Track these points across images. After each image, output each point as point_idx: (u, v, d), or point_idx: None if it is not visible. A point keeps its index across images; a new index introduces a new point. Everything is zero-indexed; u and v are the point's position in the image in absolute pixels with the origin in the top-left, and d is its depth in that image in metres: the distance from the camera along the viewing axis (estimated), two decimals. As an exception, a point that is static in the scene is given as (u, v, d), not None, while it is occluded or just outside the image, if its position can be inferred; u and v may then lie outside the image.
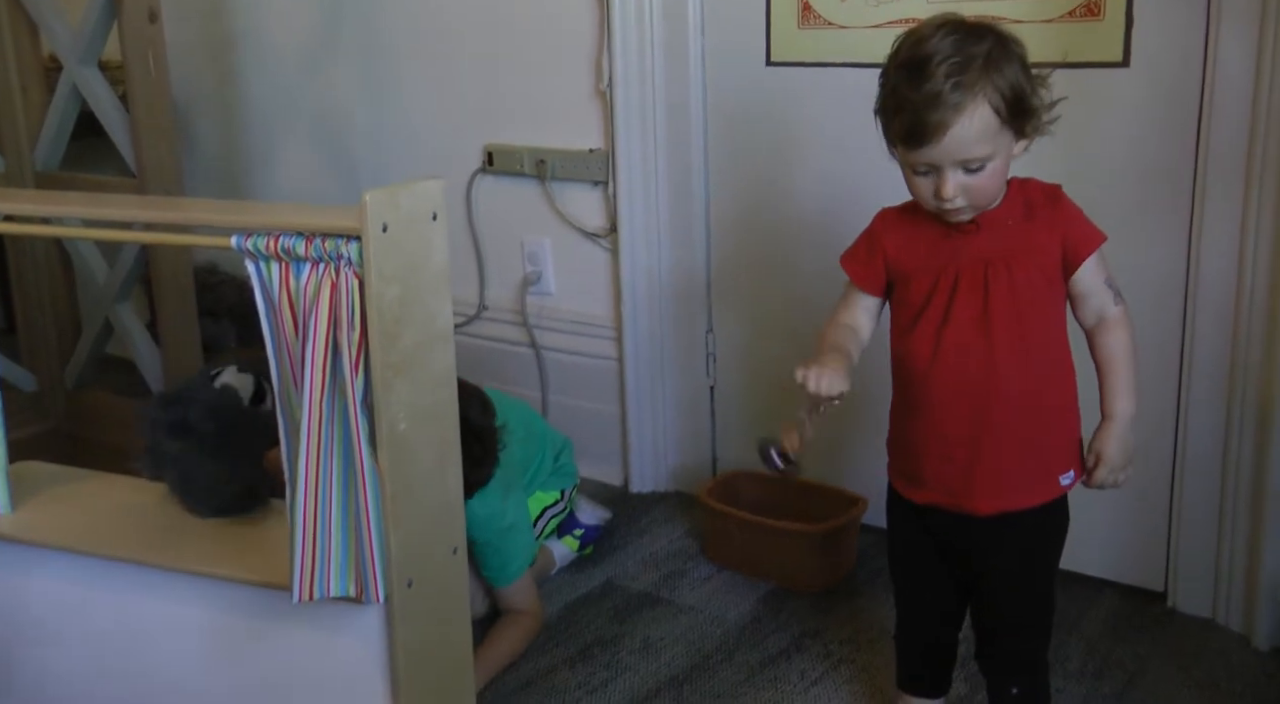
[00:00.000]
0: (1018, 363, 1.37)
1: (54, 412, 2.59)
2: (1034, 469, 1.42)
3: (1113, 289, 1.40)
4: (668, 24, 2.24)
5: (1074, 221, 1.38)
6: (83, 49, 2.34)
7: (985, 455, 1.40)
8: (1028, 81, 1.33)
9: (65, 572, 1.53)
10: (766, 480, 2.22)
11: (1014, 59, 1.32)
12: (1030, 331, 1.37)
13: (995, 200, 1.37)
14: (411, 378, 1.30)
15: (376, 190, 1.24)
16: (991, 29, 1.34)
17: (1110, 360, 1.40)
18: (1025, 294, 1.36)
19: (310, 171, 2.90)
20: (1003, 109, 1.29)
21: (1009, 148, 1.34)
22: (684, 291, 2.35)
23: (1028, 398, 1.38)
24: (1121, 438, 1.41)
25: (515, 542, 1.87)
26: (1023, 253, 1.36)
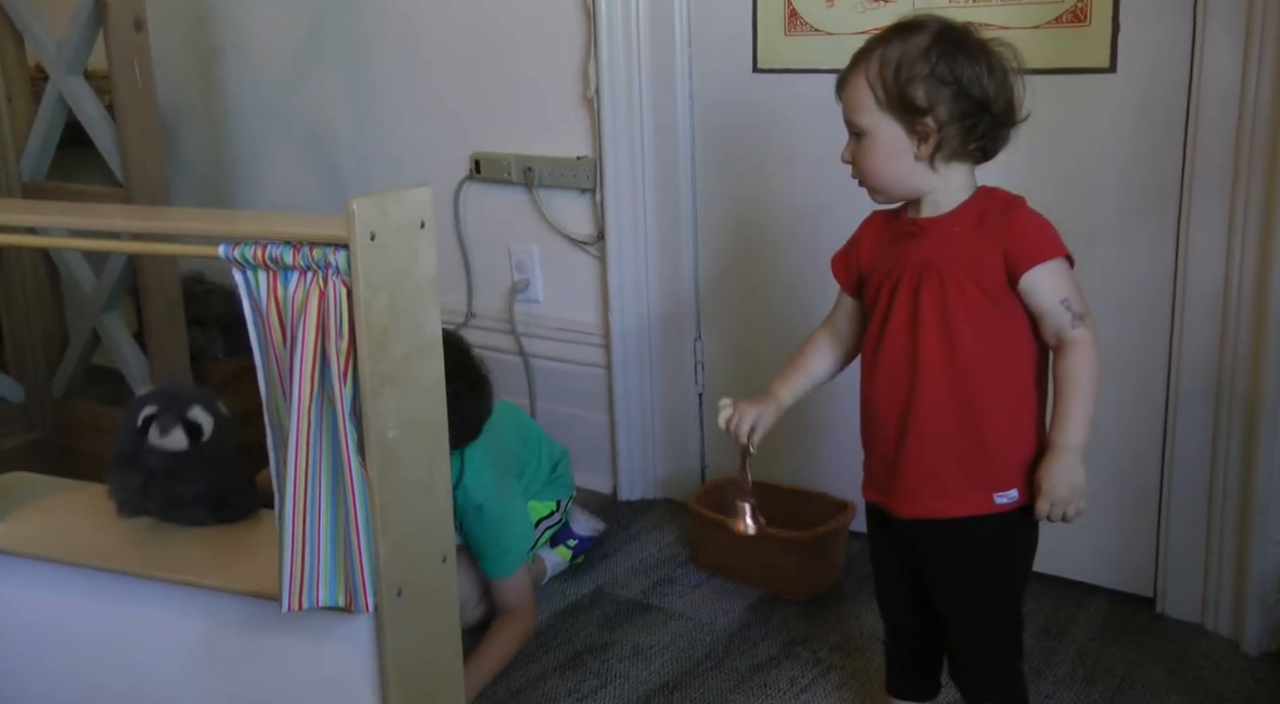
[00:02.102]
0: (942, 372, 1.36)
1: (41, 422, 2.58)
2: (958, 479, 1.39)
3: (1071, 311, 1.33)
4: (654, 31, 2.24)
5: (1019, 234, 1.33)
6: (68, 58, 2.33)
7: (907, 458, 1.41)
8: (941, 86, 1.32)
9: (53, 582, 1.52)
10: (755, 488, 2.22)
11: (941, 60, 1.32)
12: (960, 342, 1.35)
13: (886, 188, 1.38)
14: (400, 387, 1.30)
15: (363, 198, 1.24)
16: (943, 30, 1.35)
17: (1061, 386, 1.34)
18: (955, 304, 1.35)
19: (297, 181, 2.89)
20: (879, 90, 1.33)
21: (894, 136, 1.34)
22: (672, 299, 2.35)
23: (955, 407, 1.37)
24: (1063, 469, 1.33)
25: (514, 530, 1.86)
26: (959, 263, 1.35)
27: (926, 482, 1.40)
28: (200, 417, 1.51)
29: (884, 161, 1.36)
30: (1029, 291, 1.33)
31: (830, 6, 2.06)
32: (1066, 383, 1.33)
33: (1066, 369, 1.34)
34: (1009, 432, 1.37)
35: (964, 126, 1.33)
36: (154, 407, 1.50)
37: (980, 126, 1.34)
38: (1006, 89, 1.35)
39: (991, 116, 1.34)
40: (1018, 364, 1.37)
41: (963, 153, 1.35)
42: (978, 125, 1.34)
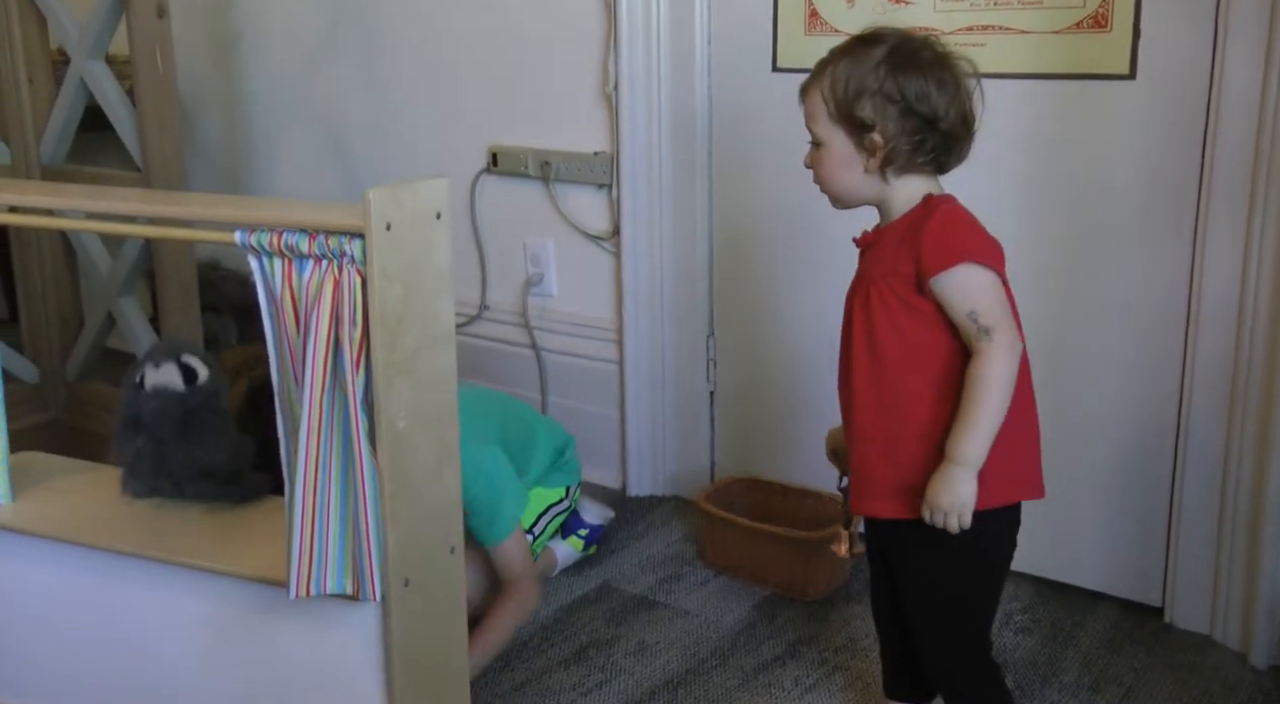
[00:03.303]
0: (867, 379, 1.40)
1: (54, 403, 2.59)
2: (889, 481, 1.40)
3: (977, 323, 1.32)
4: (674, 28, 2.24)
5: (925, 241, 1.34)
6: (91, 43, 2.34)
7: (852, 459, 1.46)
8: (888, 103, 1.34)
9: (63, 562, 1.53)
10: (764, 487, 2.23)
11: (889, 76, 1.34)
12: (882, 351, 1.38)
13: (841, 197, 1.42)
14: (412, 377, 1.30)
15: (380, 189, 1.24)
16: (897, 45, 1.36)
17: (961, 397, 1.33)
18: (877, 313, 1.38)
19: (313, 169, 2.90)
20: (830, 104, 1.37)
21: (845, 149, 1.38)
22: (686, 296, 2.35)
23: (880, 413, 1.40)
24: (945, 482, 1.33)
25: (498, 492, 1.83)
26: (880, 272, 1.38)
27: (866, 482, 1.44)
28: (194, 362, 1.51)
29: (836, 172, 1.40)
30: (940, 300, 1.34)
31: (851, 7, 2.06)
32: (965, 394, 1.33)
33: (967, 380, 1.34)
34: (932, 436, 1.37)
35: (912, 141, 1.36)
36: (151, 357, 1.50)
37: (929, 142, 1.36)
38: (958, 104, 1.36)
39: (940, 132, 1.36)
40: (937, 370, 1.37)
41: (913, 166, 1.38)
42: (926, 141, 1.36)
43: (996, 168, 1.92)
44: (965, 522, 1.34)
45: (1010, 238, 1.43)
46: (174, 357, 1.49)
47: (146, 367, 1.49)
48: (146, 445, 1.50)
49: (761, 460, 2.33)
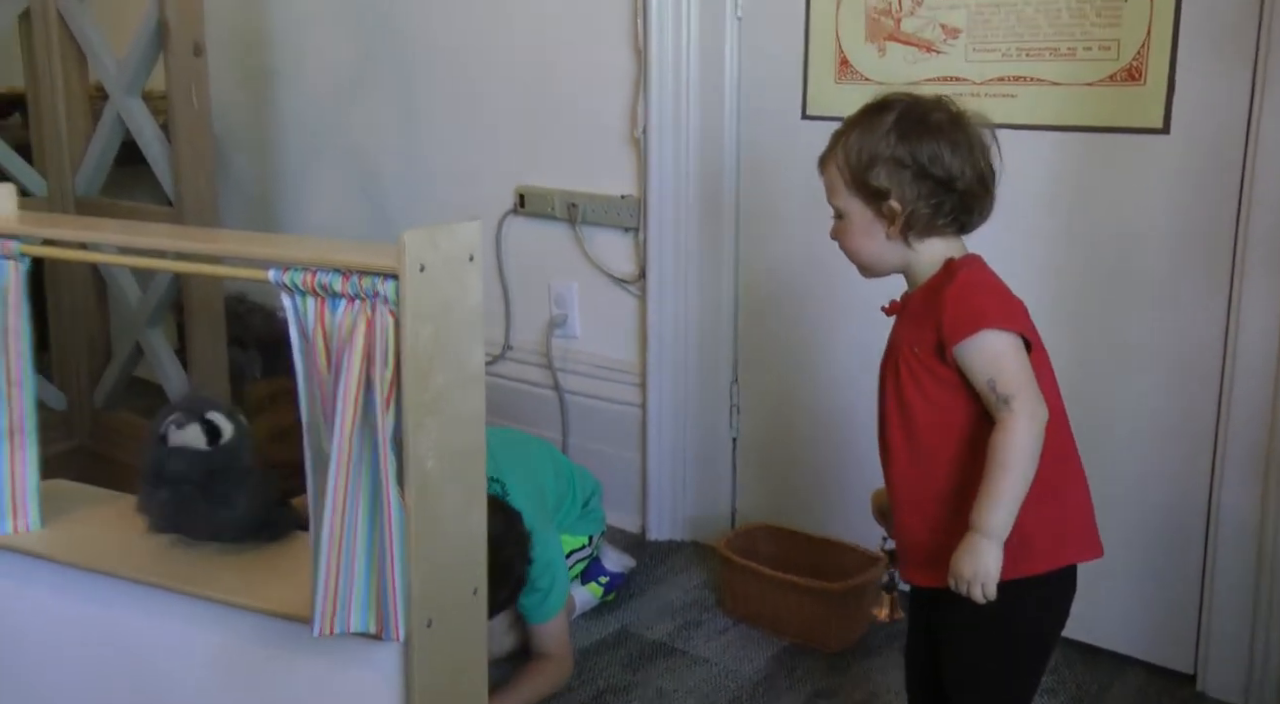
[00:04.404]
0: (903, 446, 1.39)
1: (80, 430, 2.61)
2: (929, 548, 1.39)
3: (996, 392, 1.31)
4: (704, 74, 2.26)
5: (944, 310, 1.33)
6: (128, 79, 2.37)
7: (896, 523, 1.44)
8: (901, 169, 1.34)
9: (90, 591, 1.53)
10: (786, 535, 2.21)
11: (900, 142, 1.34)
12: (914, 419, 1.37)
13: (869, 266, 1.42)
14: (442, 417, 1.30)
15: (415, 230, 1.25)
16: (906, 110, 1.37)
17: (985, 467, 1.32)
18: (906, 381, 1.37)
19: (342, 207, 2.92)
20: (845, 173, 1.38)
21: (864, 217, 1.38)
22: (710, 342, 2.35)
23: (917, 481, 1.39)
24: (967, 549, 1.31)
25: (554, 575, 1.86)
26: (907, 340, 1.38)
27: (908, 548, 1.43)
28: (218, 419, 1.50)
29: (860, 241, 1.40)
30: (962, 368, 1.33)
31: (882, 56, 2.07)
32: (987, 464, 1.32)
33: (989, 450, 1.32)
34: (966, 503, 1.34)
35: (930, 205, 1.35)
36: (176, 413, 1.51)
37: (947, 203, 1.36)
38: (974, 163, 1.36)
39: (957, 193, 1.36)
40: (965, 437, 1.35)
41: (935, 228, 1.37)
42: (944, 203, 1.36)
43: (1024, 222, 1.92)
44: (990, 592, 1.32)
45: (1038, 294, 1.43)
46: (198, 415, 1.49)
47: (170, 425, 1.49)
48: (169, 500, 1.51)
49: (783, 509, 2.32)
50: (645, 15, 2.26)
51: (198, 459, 1.48)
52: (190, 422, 1.48)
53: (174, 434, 1.48)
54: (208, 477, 1.49)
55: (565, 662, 1.87)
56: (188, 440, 1.48)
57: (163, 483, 1.50)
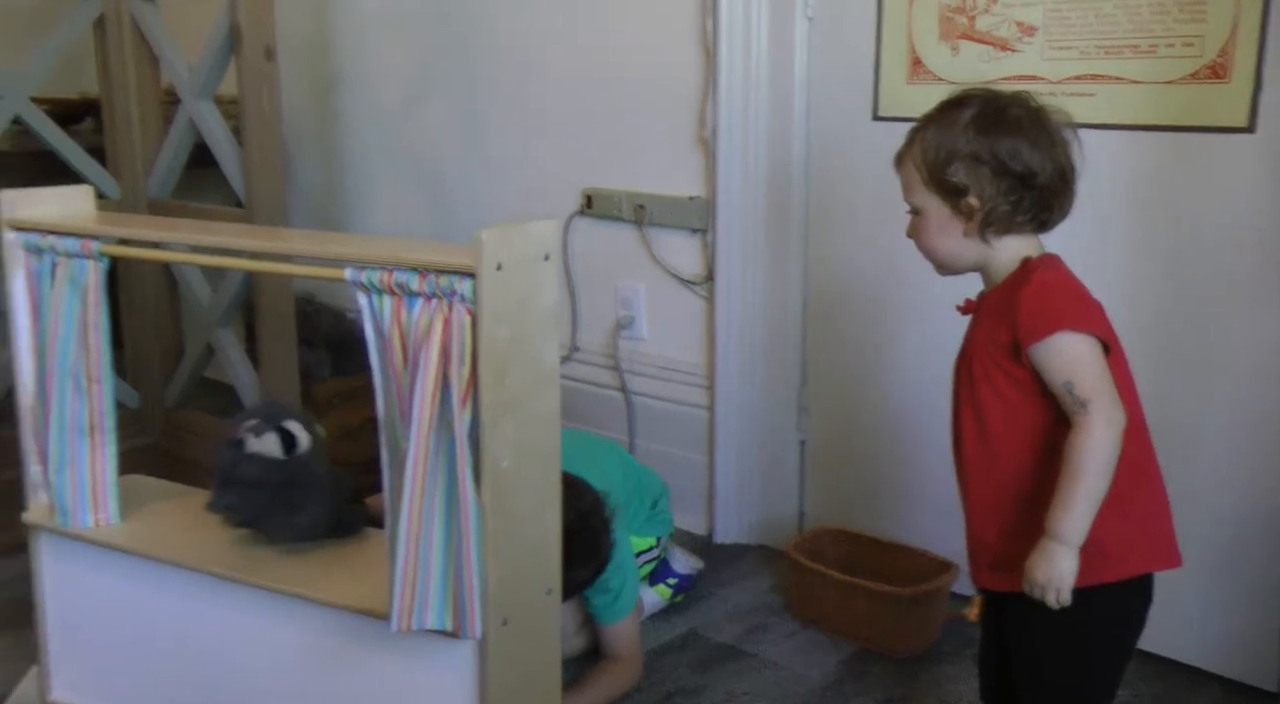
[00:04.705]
0: (976, 449, 1.38)
1: (152, 427, 2.65)
2: (1000, 552, 1.38)
3: (1073, 395, 1.28)
4: (773, 74, 2.24)
5: (1019, 311, 1.31)
6: (200, 83, 2.41)
7: (968, 526, 1.42)
8: (979, 165, 1.32)
9: (167, 584, 1.56)
10: (854, 539, 2.19)
11: (978, 138, 1.33)
12: (988, 421, 1.36)
13: (945, 263, 1.40)
14: (517, 417, 1.30)
15: (492, 229, 1.25)
16: (984, 105, 1.35)
17: (1060, 471, 1.30)
18: (980, 381, 1.35)
19: (408, 209, 2.94)
20: (923, 170, 1.36)
21: (940, 214, 1.36)
22: (778, 344, 2.33)
23: (990, 484, 1.38)
24: (1041, 555, 1.30)
25: (625, 576, 1.86)
26: (982, 340, 1.36)
27: (979, 552, 1.42)
28: (295, 429, 1.52)
29: (936, 238, 1.39)
30: (1038, 370, 1.31)
31: (955, 54, 2.05)
32: (1063, 468, 1.30)
33: (1065, 453, 1.30)
34: (1039, 507, 1.32)
35: (1009, 201, 1.33)
36: (253, 419, 1.52)
37: (1026, 200, 1.34)
38: (1054, 159, 1.34)
39: (1036, 189, 1.33)
40: (1039, 440, 1.34)
41: (1013, 226, 1.35)
42: (1023, 199, 1.34)
43: (1102, 223, 1.89)
44: (1064, 598, 1.30)
45: (1116, 296, 1.40)
46: (275, 423, 1.51)
47: (248, 432, 1.51)
48: (239, 505, 1.52)
49: (851, 512, 2.29)
50: (715, 16, 2.25)
51: (272, 467, 1.50)
52: (268, 430, 1.50)
53: (251, 441, 1.50)
54: (281, 485, 1.50)
55: (635, 664, 1.87)
56: (264, 449, 1.50)
57: (233, 486, 1.52)
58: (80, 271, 1.57)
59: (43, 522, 1.66)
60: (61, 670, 1.69)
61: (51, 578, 1.68)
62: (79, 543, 1.63)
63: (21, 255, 1.61)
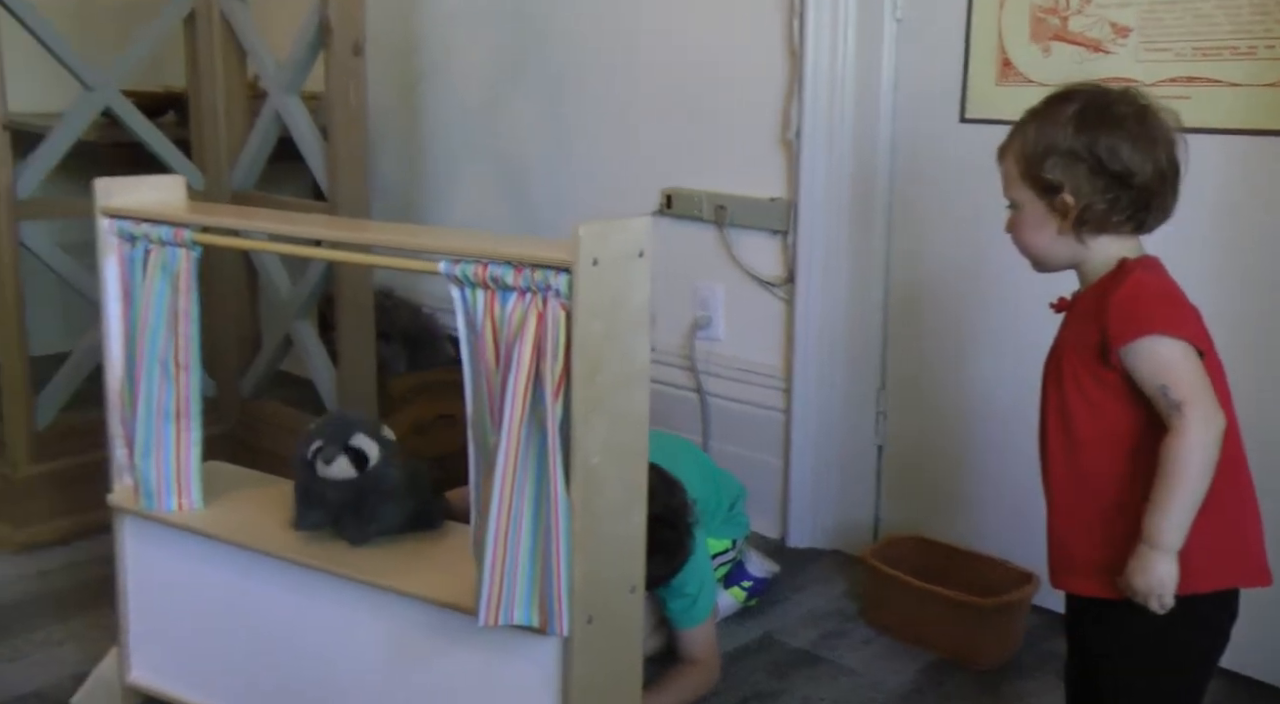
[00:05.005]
0: (1061, 452, 1.36)
1: (228, 417, 2.68)
2: (1082, 558, 1.36)
3: (1167, 398, 1.25)
4: (860, 76, 2.22)
5: (1110, 312, 1.28)
6: (287, 78, 2.43)
7: (1050, 530, 1.40)
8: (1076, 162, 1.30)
9: (249, 570, 1.57)
10: (931, 547, 2.16)
11: (1078, 134, 1.30)
12: (1075, 424, 1.33)
13: (1040, 261, 1.39)
14: (608, 414, 1.30)
15: (589, 224, 1.25)
16: (1089, 101, 1.32)
17: (1155, 476, 1.27)
18: (1069, 384, 1.33)
19: (489, 207, 2.95)
20: (1021, 164, 1.34)
21: (1036, 210, 1.34)
22: (858, 347, 2.31)
23: (1074, 488, 1.36)
24: (1140, 562, 1.28)
25: (703, 579, 1.85)
26: (1072, 341, 1.34)
27: (1061, 557, 1.39)
28: (364, 443, 1.52)
29: (1031, 235, 1.37)
30: (1131, 373, 1.28)
31: (1047, 56, 2.01)
32: (1158, 472, 1.27)
33: (1161, 457, 1.27)
34: (1124, 514, 1.30)
35: (1106, 200, 1.31)
36: (319, 439, 1.53)
37: (1122, 199, 1.31)
38: (1156, 159, 1.30)
39: (1134, 189, 1.30)
40: (1128, 445, 1.31)
41: (1109, 226, 1.32)
42: (1119, 199, 1.31)
43: (1198, 228, 1.84)
44: (1167, 603, 1.28)
45: (1213, 303, 1.37)
46: (342, 444, 1.51)
47: (318, 460, 1.51)
48: (324, 520, 1.54)
49: (929, 520, 2.26)
50: (802, 17, 2.23)
51: (348, 485, 1.51)
52: (337, 455, 1.50)
53: (321, 469, 1.51)
54: (359, 497, 1.51)
55: (712, 668, 1.85)
56: (337, 474, 1.51)
57: (316, 505, 1.53)
58: (172, 259, 1.59)
59: (127, 505, 1.68)
60: (141, 653, 1.72)
61: (134, 561, 1.71)
62: (162, 527, 1.66)
63: (115, 242, 1.63)
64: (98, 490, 1.75)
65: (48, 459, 2.34)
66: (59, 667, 1.89)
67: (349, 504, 1.52)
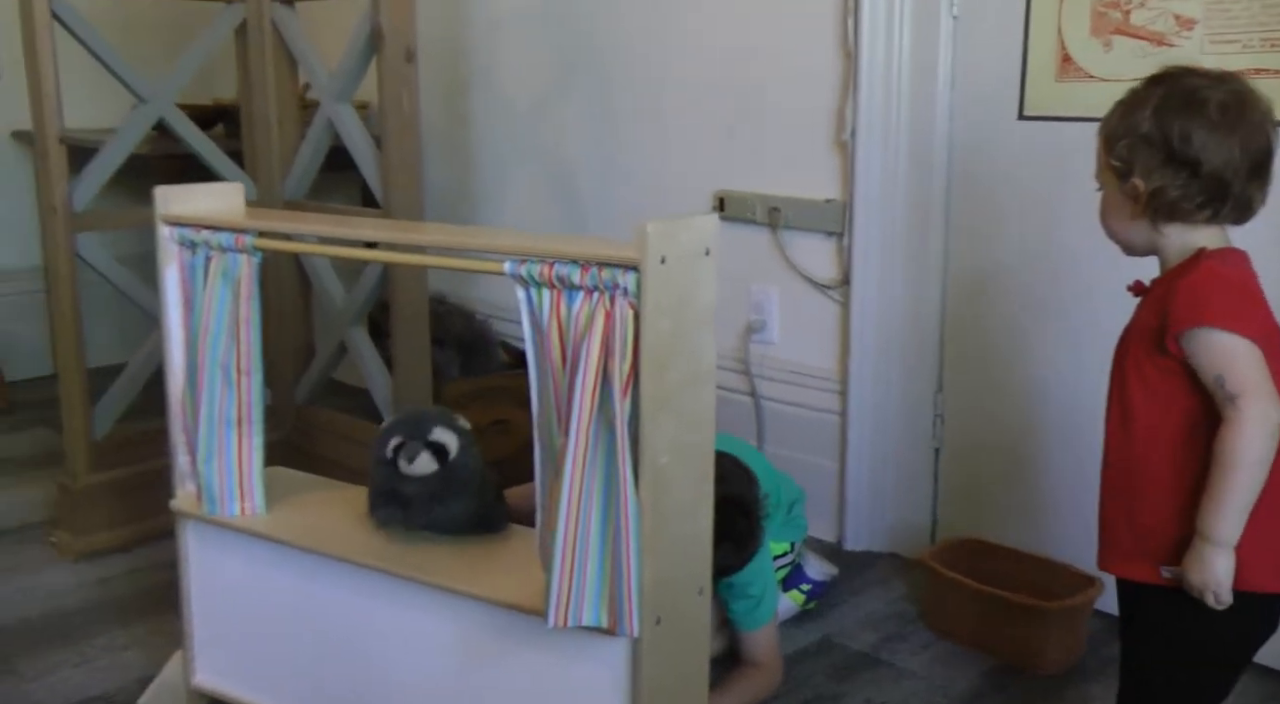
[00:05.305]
0: (1117, 434, 1.36)
1: (283, 424, 2.70)
2: (1128, 542, 1.35)
3: (1224, 389, 1.24)
4: (915, 74, 2.20)
5: (1174, 299, 1.27)
6: (339, 86, 2.44)
7: (1100, 512, 1.40)
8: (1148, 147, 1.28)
9: (313, 573, 1.58)
10: (991, 550, 2.13)
11: (1156, 120, 1.28)
12: (1132, 405, 1.33)
13: (1122, 245, 1.38)
14: (675, 413, 1.29)
15: (657, 222, 1.24)
16: (1175, 84, 1.30)
17: (1210, 468, 1.26)
18: (1130, 366, 1.33)
19: (538, 210, 2.96)
20: (1103, 145, 1.34)
21: (1114, 194, 1.34)
22: (915, 349, 2.29)
23: (1125, 472, 1.35)
24: (1195, 557, 1.27)
25: (766, 582, 1.84)
26: (1139, 325, 1.34)
27: (1109, 539, 1.39)
28: (443, 436, 1.53)
29: (1111, 218, 1.37)
30: (1190, 362, 1.27)
31: (1108, 51, 1.98)
32: (1213, 465, 1.26)
33: (1215, 451, 1.26)
34: (1171, 501, 1.30)
35: (1176, 187, 1.28)
36: (399, 436, 1.53)
37: (1194, 188, 1.28)
38: (1237, 149, 1.27)
39: (1203, 178, 1.27)
40: (1179, 434, 1.30)
41: (1181, 213, 1.30)
42: (1190, 187, 1.28)
43: (1275, 224, 1.80)
44: (1224, 599, 1.27)
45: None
46: (423, 439, 1.52)
47: (400, 457, 1.52)
48: (398, 514, 1.54)
49: (987, 522, 2.23)
50: (856, 16, 2.22)
51: (429, 480, 1.51)
52: (419, 451, 1.51)
53: (405, 467, 1.51)
54: (442, 487, 1.51)
55: (775, 671, 1.84)
56: (421, 470, 1.51)
57: (397, 502, 1.53)
58: (233, 265, 1.60)
59: (190, 510, 1.69)
60: (205, 657, 1.73)
61: (197, 565, 1.71)
62: (226, 531, 1.66)
63: (175, 250, 1.64)
64: (155, 498, 1.76)
65: (106, 468, 2.37)
66: (124, 671, 1.90)
67: (430, 498, 1.52)
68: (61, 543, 2.36)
